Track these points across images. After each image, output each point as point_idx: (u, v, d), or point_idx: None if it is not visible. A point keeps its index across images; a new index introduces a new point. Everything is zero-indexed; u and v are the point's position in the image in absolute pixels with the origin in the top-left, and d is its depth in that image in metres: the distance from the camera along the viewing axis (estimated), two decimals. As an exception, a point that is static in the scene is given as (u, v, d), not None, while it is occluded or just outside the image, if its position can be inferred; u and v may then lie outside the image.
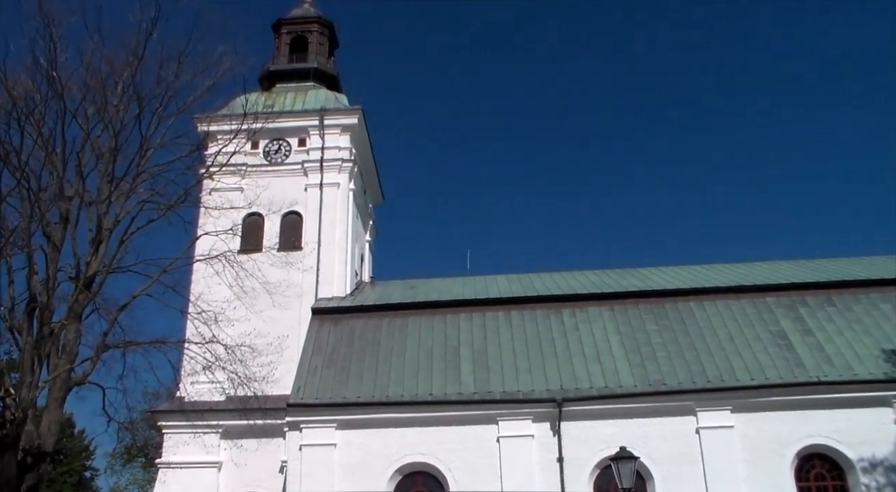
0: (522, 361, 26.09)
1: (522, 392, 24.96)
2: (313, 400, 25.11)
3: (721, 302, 28.01)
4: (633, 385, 24.94)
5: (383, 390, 25.37)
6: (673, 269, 32.93)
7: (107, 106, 19.31)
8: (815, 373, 24.81)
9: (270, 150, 34.12)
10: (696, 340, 26.46)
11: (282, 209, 30.87)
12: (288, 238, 32.05)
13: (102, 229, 19.16)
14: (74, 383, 18.80)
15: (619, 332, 27.02)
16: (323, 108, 34.44)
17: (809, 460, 24.17)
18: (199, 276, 26.32)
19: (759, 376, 24.91)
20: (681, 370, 25.32)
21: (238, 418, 24.41)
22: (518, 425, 24.50)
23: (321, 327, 28.11)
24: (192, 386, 23.66)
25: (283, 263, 27.89)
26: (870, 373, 24.66)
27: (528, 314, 28.06)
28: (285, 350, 28.04)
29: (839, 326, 26.64)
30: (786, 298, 27.99)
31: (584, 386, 25.02)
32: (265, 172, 32.96)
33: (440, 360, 26.36)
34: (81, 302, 18.57)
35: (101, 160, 19.52)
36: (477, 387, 25.24)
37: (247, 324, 26.20)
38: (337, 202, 32.93)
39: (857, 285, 28.35)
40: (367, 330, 27.93)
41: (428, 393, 25.15)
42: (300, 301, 30.28)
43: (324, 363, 26.46)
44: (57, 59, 18.88)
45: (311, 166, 33.43)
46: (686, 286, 29.12)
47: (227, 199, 25.07)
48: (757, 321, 27.12)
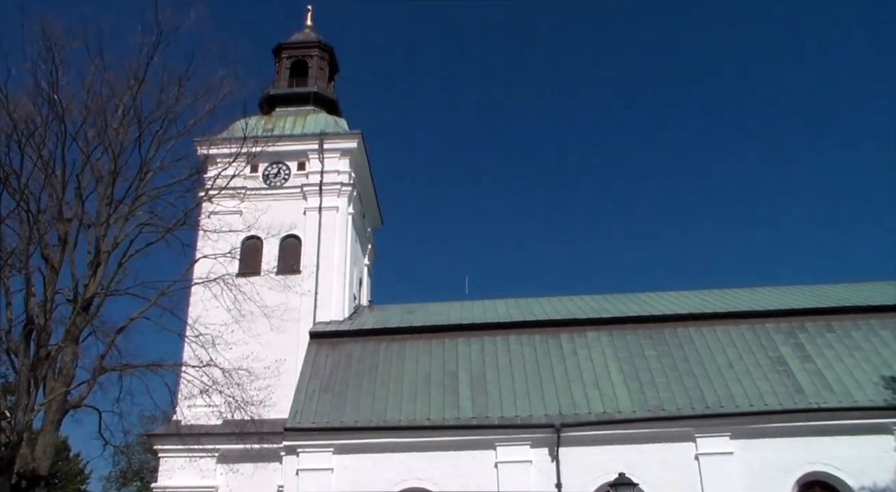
0: (521, 386, 25.98)
1: (520, 417, 24.82)
2: (310, 424, 24.96)
3: (720, 328, 27.95)
4: (632, 411, 24.80)
5: (381, 414, 25.23)
6: (672, 294, 32.89)
7: (107, 129, 19.39)
8: (815, 399, 24.70)
9: (270, 173, 34.19)
10: (695, 365, 26.37)
11: (280, 233, 30.89)
12: (286, 262, 32.02)
13: (101, 252, 19.15)
14: (70, 406, 18.70)
15: (617, 357, 26.93)
16: (322, 133, 34.57)
17: (810, 488, 23.99)
18: (196, 299, 26.25)
19: (759, 402, 24.79)
20: (680, 396, 25.21)
21: (234, 443, 24.22)
22: (516, 451, 24.34)
23: (319, 351, 28.01)
24: (189, 410, 23.56)
25: (282, 287, 27.84)
26: (870, 400, 24.55)
27: (526, 339, 27.98)
28: (283, 374, 27.91)
29: (839, 353, 26.57)
30: (785, 324, 27.93)
31: (583, 412, 24.88)
32: (264, 196, 33.00)
33: (438, 384, 26.24)
34: (79, 324, 18.52)
35: (101, 183, 19.56)
36: (475, 412, 25.10)
37: (244, 347, 26.10)
38: (336, 226, 32.95)
39: (856, 311, 28.31)
40: (364, 354, 27.83)
41: (426, 418, 25.01)
42: (298, 325, 30.19)
43: (321, 387, 26.34)
44: (58, 82, 19.00)
45: (311, 190, 33.49)
46: (685, 312, 29.07)
47: (226, 222, 25.03)
48: (756, 347, 27.05)
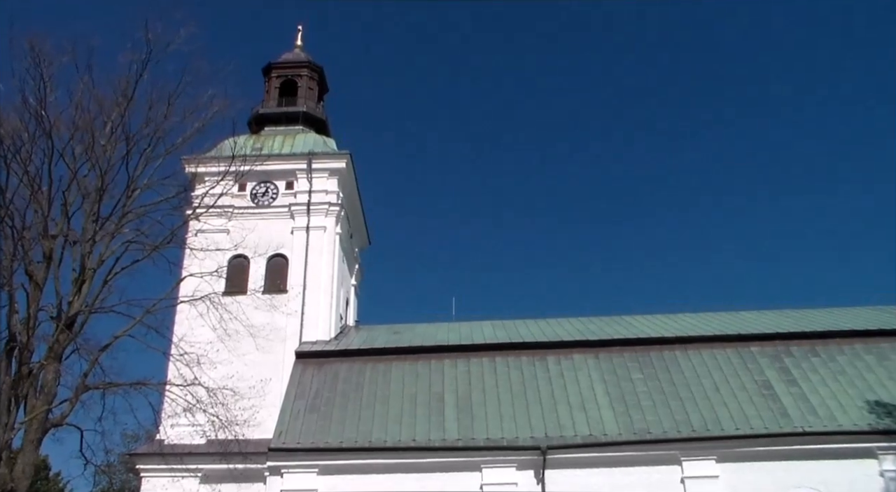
0: (507, 408, 25.91)
1: (506, 439, 24.75)
2: (295, 444, 24.80)
3: (706, 351, 28.03)
4: (617, 434, 24.77)
5: (366, 435, 25.10)
6: (658, 317, 32.96)
7: (94, 145, 19.35)
8: (801, 423, 24.77)
9: (258, 192, 34.13)
10: (681, 388, 26.40)
11: (267, 252, 30.79)
12: (273, 281, 31.87)
13: (86, 269, 19.03)
14: (52, 425, 18.50)
15: (604, 380, 26.93)
16: (311, 152, 34.56)
17: (795, 511, 24.00)
18: (182, 317, 26.08)
19: (745, 425, 24.83)
20: (666, 419, 25.21)
21: (218, 462, 23.99)
22: (502, 473, 24.25)
23: (304, 371, 27.88)
24: (173, 429, 23.29)
25: (268, 306, 27.73)
26: (854, 424, 24.64)
27: (512, 361, 27.95)
28: (268, 394, 27.67)
29: (823, 377, 26.68)
30: (770, 348, 28.05)
31: (569, 434, 24.83)
32: (252, 215, 32.91)
33: (424, 406, 26.14)
34: (62, 342, 18.37)
35: (87, 200, 19.49)
36: (461, 433, 25.01)
37: (229, 366, 25.95)
38: (323, 246, 32.88)
39: (841, 336, 28.47)
40: (350, 375, 27.72)
41: (411, 439, 24.89)
42: (284, 344, 30.02)
43: (307, 408, 26.18)
44: (46, 98, 18.98)
45: (298, 209, 33.44)
46: (671, 335, 29.16)
47: (213, 240, 24.93)
48: (742, 371, 27.12)
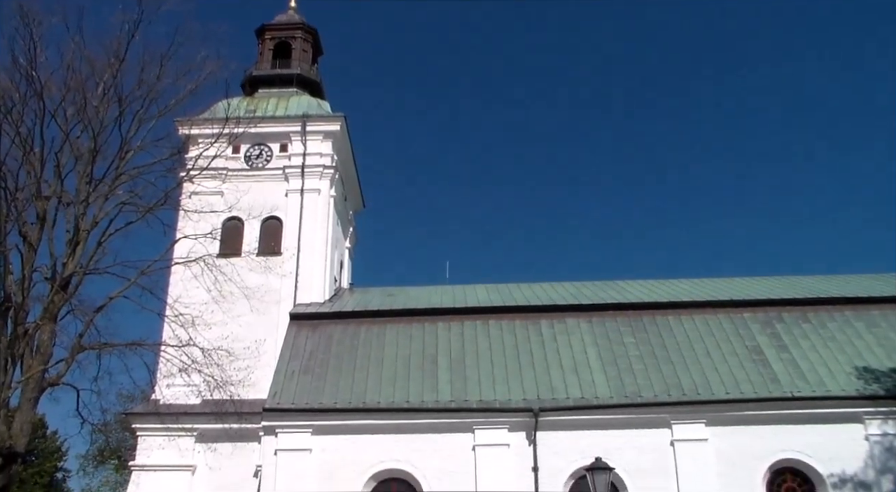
0: (500, 370, 26.17)
1: (499, 401, 25.02)
2: (290, 405, 25.06)
3: (698, 316, 28.24)
4: (609, 397, 25.06)
5: (360, 396, 25.36)
6: (651, 282, 33.15)
7: (87, 107, 19.20)
8: (790, 389, 25.06)
9: (252, 154, 34.02)
10: (672, 353, 26.65)
11: (262, 214, 30.81)
12: (267, 243, 31.94)
13: (80, 230, 19.02)
14: (48, 384, 18.64)
15: (596, 344, 27.16)
16: (305, 115, 34.40)
17: (781, 474, 24.42)
18: (177, 279, 26.15)
19: (735, 390, 25.13)
20: (657, 383, 25.49)
21: (213, 422, 24.26)
22: (494, 434, 24.56)
23: (299, 333, 28.07)
24: (168, 389, 23.55)
25: (262, 268, 27.82)
26: (842, 390, 24.96)
27: (506, 324, 28.15)
28: (262, 355, 27.97)
29: (814, 343, 26.94)
30: (762, 314, 28.27)
31: (561, 397, 25.12)
32: (246, 177, 32.84)
33: (417, 368, 26.39)
34: (57, 303, 18.44)
35: (80, 161, 19.41)
36: (454, 395, 25.28)
37: (224, 328, 26.14)
38: (317, 208, 32.89)
39: (832, 303, 28.70)
40: (344, 337, 27.92)
41: (405, 400, 25.15)
42: (278, 307, 30.22)
43: (301, 369, 26.41)
44: (37, 58, 18.77)
45: (293, 172, 33.37)
46: (664, 300, 29.35)
47: (207, 202, 24.91)
48: (733, 336, 27.36)
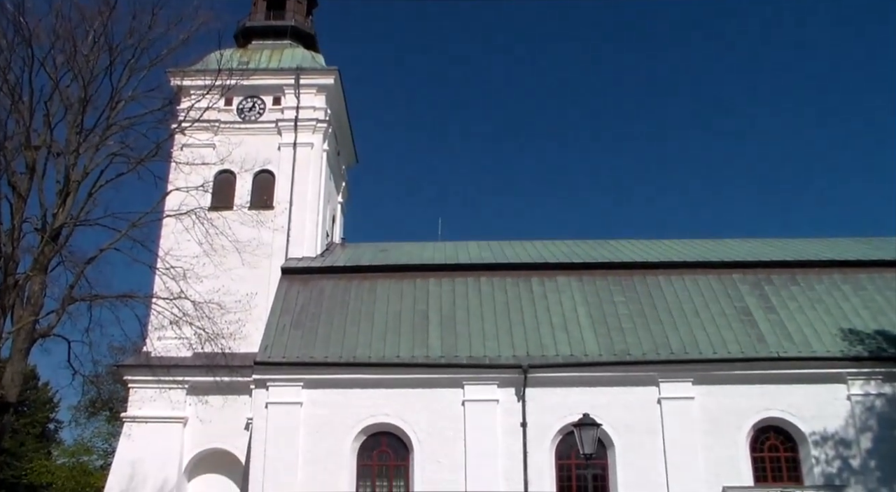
0: (490, 327, 26.33)
1: (489, 358, 25.22)
2: (281, 359, 25.19)
3: (688, 277, 28.38)
4: (598, 354, 25.28)
5: (351, 351, 25.51)
6: (642, 242, 33.25)
7: (76, 55, 18.96)
8: (776, 349, 25.34)
9: (244, 107, 33.73)
10: (661, 312, 26.84)
11: (254, 167, 30.65)
12: (259, 197, 31.87)
13: (70, 181, 18.92)
14: (39, 335, 18.70)
15: (586, 302, 27.31)
16: (299, 68, 34.05)
17: (765, 432, 24.81)
18: (168, 231, 26.11)
19: (722, 349, 25.39)
20: (645, 341, 25.72)
21: (204, 375, 24.44)
22: (483, 390, 24.80)
23: (290, 287, 28.11)
24: (159, 341, 23.61)
25: (254, 222, 27.73)
26: (827, 351, 25.26)
27: (497, 281, 28.24)
28: (253, 308, 28.05)
29: (801, 305, 27.17)
30: (751, 276, 28.43)
31: (550, 353, 25.32)
32: (238, 130, 32.57)
33: (408, 323, 26.52)
34: (47, 254, 18.40)
35: (70, 111, 19.22)
36: (444, 351, 25.45)
37: (215, 281, 26.19)
38: (310, 162, 32.74)
39: (820, 265, 28.90)
40: (336, 291, 27.97)
41: (395, 355, 25.32)
42: (270, 260, 30.25)
43: (292, 323, 26.50)
44: (24, 4, 18.50)
45: (286, 125, 33.14)
46: (655, 260, 29.48)
47: (199, 155, 24.75)
48: (722, 297, 27.55)
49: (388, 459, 24.75)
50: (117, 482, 27.78)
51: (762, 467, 24.55)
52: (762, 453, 24.67)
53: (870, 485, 23.97)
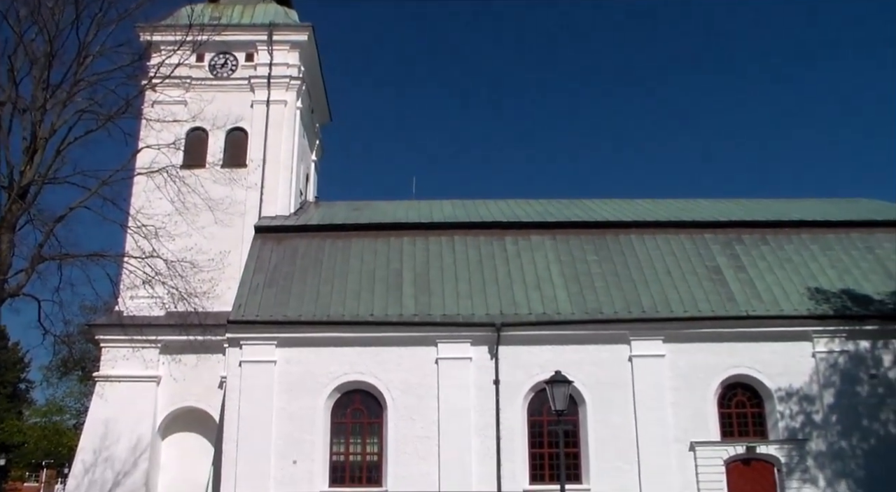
0: (463, 285, 26.48)
1: (462, 316, 25.40)
2: (254, 317, 25.20)
3: (660, 236, 28.66)
4: (570, 313, 25.55)
5: (324, 309, 25.56)
6: (615, 201, 33.43)
7: (41, 8, 18.43)
8: (745, 308, 25.77)
9: (216, 63, 33.23)
10: (633, 271, 27.12)
11: (226, 125, 30.29)
12: (232, 155, 31.58)
13: (37, 138, 18.54)
14: (7, 295, 18.46)
15: (559, 260, 27.51)
16: (272, 24, 33.52)
17: (732, 389, 25.35)
18: (139, 189, 25.85)
19: (692, 308, 25.76)
20: (617, 300, 26.01)
21: (177, 334, 24.33)
22: (457, 348, 25.02)
23: (264, 246, 28.01)
24: (132, 300, 23.47)
25: (227, 180, 27.51)
26: (794, 309, 25.74)
27: (471, 240, 28.34)
28: (227, 267, 27.98)
29: (770, 264, 27.58)
30: (722, 235, 28.77)
31: (523, 312, 25.55)
32: (210, 86, 32.13)
33: (382, 282, 26.58)
34: (15, 212, 18.11)
35: (36, 66, 18.76)
36: (418, 309, 25.59)
37: (188, 239, 26.04)
38: (283, 120, 32.43)
39: (789, 226, 29.32)
40: (309, 250, 27.93)
41: (369, 314, 25.42)
42: (243, 219, 30.08)
43: (266, 281, 26.47)
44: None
45: (258, 82, 32.74)
46: (627, 219, 29.70)
47: (170, 112, 24.38)
48: (694, 256, 27.88)
49: (362, 416, 24.99)
50: (90, 442, 27.81)
51: (729, 422, 25.13)
52: (729, 408, 25.22)
53: (830, 439, 24.68)
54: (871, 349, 25.54)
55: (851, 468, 24.41)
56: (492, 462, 24.06)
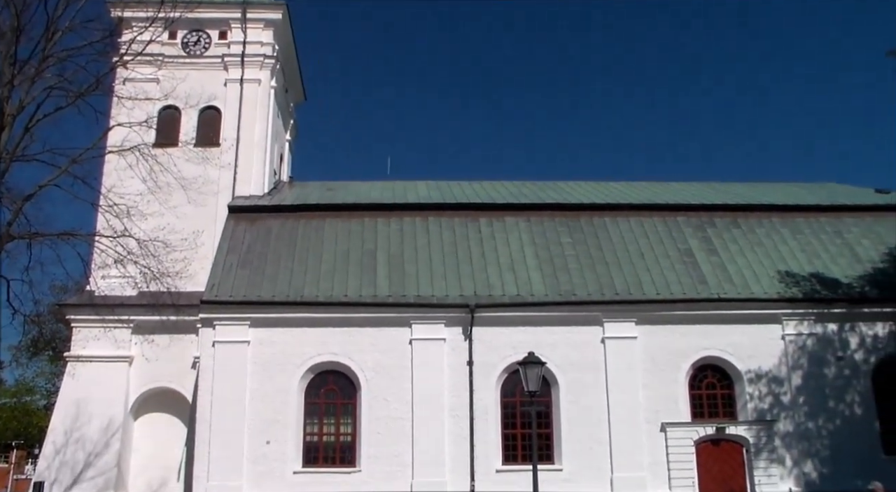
0: (438, 266, 26.50)
1: (436, 297, 25.45)
2: (227, 298, 25.07)
3: (634, 219, 28.86)
4: (544, 294, 25.69)
5: (298, 290, 25.48)
6: (590, 184, 33.61)
7: (7, -19, 18.07)
8: (717, 290, 26.06)
9: (189, 41, 32.78)
10: (607, 254, 27.30)
11: (199, 103, 29.86)
12: (205, 133, 31.22)
13: (5, 114, 18.21)
14: (-25, 274, 18.24)
15: (533, 242, 27.62)
16: (246, 1, 33.05)
17: (703, 371, 25.70)
18: (111, 168, 25.55)
19: (665, 290, 26.01)
20: (591, 282, 26.18)
21: (150, 314, 24.22)
22: (431, 329, 25.07)
23: (237, 226, 27.83)
24: (103, 280, 23.28)
25: (200, 159, 27.25)
26: (765, 292, 26.09)
27: (445, 221, 28.36)
28: (200, 247, 27.74)
29: (742, 247, 27.90)
30: (695, 218, 29.04)
31: (497, 293, 25.65)
32: (183, 64, 31.67)
33: (356, 263, 26.53)
34: (-18, 189, 17.85)
35: (2, 40, 18.37)
36: (392, 290, 25.59)
37: (160, 219, 25.79)
38: (257, 99, 32.13)
39: (760, 210, 29.66)
40: (283, 230, 27.79)
41: (343, 294, 25.38)
42: (216, 198, 29.82)
43: (239, 262, 26.32)
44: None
45: (232, 61, 32.37)
46: (601, 202, 29.87)
47: (142, 90, 24.06)
48: (666, 239, 28.11)
49: (336, 397, 25.00)
50: (61, 422, 27.60)
51: (699, 403, 25.49)
52: (700, 390, 25.57)
53: (798, 419, 25.12)
54: (838, 332, 26.01)
55: (817, 448, 24.90)
56: (465, 443, 24.21)
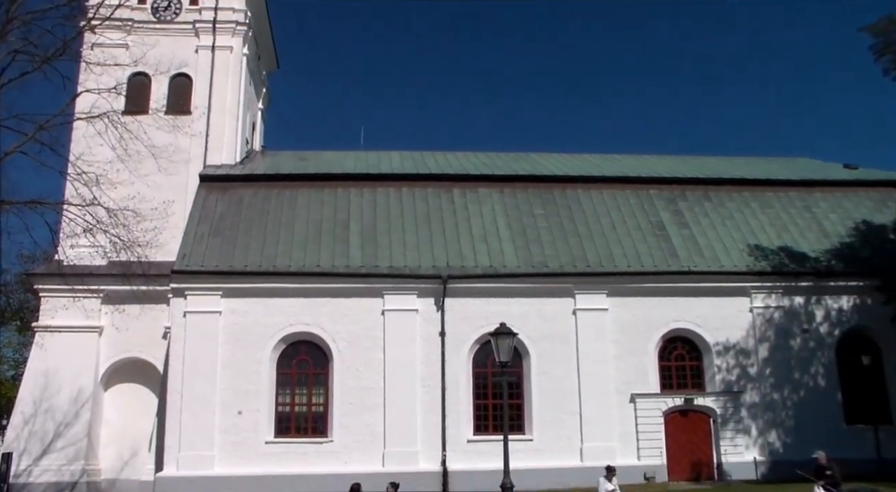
0: (410, 237, 26.51)
1: (409, 267, 25.48)
2: (199, 267, 24.94)
3: (606, 191, 29.01)
4: (516, 266, 25.81)
5: (270, 260, 25.38)
6: (563, 156, 33.68)
7: (-32, -61, 17.57)
8: (687, 263, 26.37)
9: (159, 6, 32.21)
10: (579, 226, 27.45)
11: (170, 70, 29.35)
12: (176, 101, 30.79)
13: (-32, 78, 17.82)
14: (-60, 242, 17.91)
15: (506, 214, 27.69)
16: (217, -35, 32.50)
17: (672, 342, 26.09)
18: (79, 135, 25.10)
19: (636, 263, 26.25)
20: (563, 254, 26.34)
21: (120, 284, 23.91)
22: (403, 299, 25.15)
23: (209, 195, 27.59)
24: (72, 249, 22.90)
25: (171, 127, 26.67)
26: (734, 265, 26.44)
27: (418, 192, 28.33)
28: (170, 216, 27.37)
29: (713, 221, 28.19)
30: (667, 191, 29.26)
31: (470, 264, 25.74)
32: (153, 30, 31.18)
33: (329, 233, 26.46)
34: (-54, 155, 17.47)
35: (-36, 2, 17.93)
36: (364, 261, 25.58)
37: (130, 187, 25.41)
38: (229, 67, 31.73)
39: (731, 183, 29.92)
40: (255, 200, 27.60)
41: (315, 265, 25.33)
42: (187, 167, 29.53)
43: (210, 231, 26.13)
44: None
45: (203, 27, 31.87)
46: (574, 174, 29.97)
47: (111, 55, 23.52)
48: (638, 211, 28.31)
49: (308, 367, 25.06)
50: (30, 393, 27.38)
51: (668, 375, 25.90)
52: (669, 362, 25.95)
53: (764, 390, 25.62)
54: (804, 305, 26.47)
55: (782, 418, 25.43)
56: (436, 413, 24.42)
